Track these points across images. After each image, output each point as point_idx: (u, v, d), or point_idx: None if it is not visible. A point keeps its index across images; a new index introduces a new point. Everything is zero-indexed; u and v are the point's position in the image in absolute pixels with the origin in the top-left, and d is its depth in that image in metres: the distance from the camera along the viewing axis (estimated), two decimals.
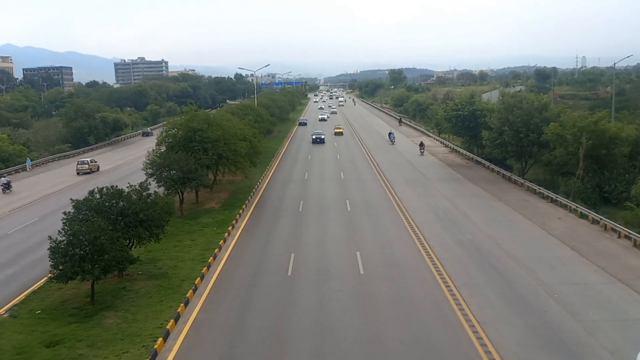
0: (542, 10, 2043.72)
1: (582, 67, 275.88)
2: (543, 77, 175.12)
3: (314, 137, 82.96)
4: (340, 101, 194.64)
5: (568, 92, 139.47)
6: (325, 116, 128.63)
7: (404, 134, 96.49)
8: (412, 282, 26.45)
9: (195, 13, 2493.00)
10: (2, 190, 51.45)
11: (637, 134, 44.00)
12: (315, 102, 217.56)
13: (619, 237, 33.11)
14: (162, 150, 42.37)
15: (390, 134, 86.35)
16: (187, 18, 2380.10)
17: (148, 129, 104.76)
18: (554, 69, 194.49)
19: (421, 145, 72.63)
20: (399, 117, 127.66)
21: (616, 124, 45.72)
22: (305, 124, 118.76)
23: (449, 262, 29.10)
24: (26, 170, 64.49)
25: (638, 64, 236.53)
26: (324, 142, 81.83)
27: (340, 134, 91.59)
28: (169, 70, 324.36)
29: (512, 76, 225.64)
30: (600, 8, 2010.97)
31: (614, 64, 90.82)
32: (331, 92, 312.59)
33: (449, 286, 25.75)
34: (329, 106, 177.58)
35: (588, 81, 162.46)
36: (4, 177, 54.53)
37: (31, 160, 66.76)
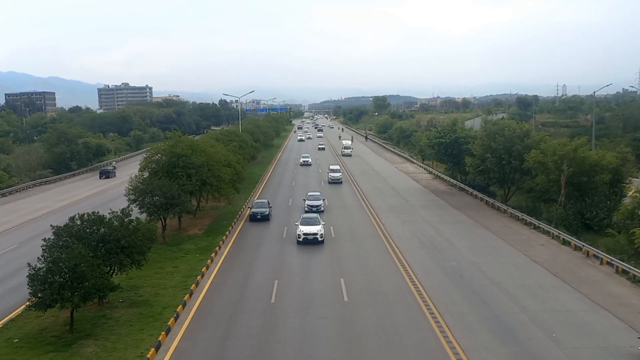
0: (523, 38, 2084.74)
1: (562, 95, 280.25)
2: (525, 104, 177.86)
3: None
4: (345, 147, 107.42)
5: (549, 119, 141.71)
6: (320, 202, 50.38)
7: (388, 160, 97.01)
8: (396, 310, 26.33)
9: (179, 39, 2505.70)
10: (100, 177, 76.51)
11: (618, 161, 44.59)
12: (301, 139, 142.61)
13: (601, 263, 33.33)
14: (145, 176, 42.15)
15: None
16: (171, 44, 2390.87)
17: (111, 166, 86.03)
18: (535, 97, 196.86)
19: None
20: (365, 135, 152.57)
21: (597, 152, 46.32)
22: (266, 219, 46.73)
23: (433, 289, 29.05)
24: None
25: (617, 92, 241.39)
26: None
27: None
28: (153, 95, 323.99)
29: (494, 104, 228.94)
30: (580, 37, 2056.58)
31: (594, 92, 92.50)
32: (316, 122, 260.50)
33: (433, 313, 25.67)
34: (321, 147, 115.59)
35: (569, 109, 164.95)
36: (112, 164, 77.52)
37: None
